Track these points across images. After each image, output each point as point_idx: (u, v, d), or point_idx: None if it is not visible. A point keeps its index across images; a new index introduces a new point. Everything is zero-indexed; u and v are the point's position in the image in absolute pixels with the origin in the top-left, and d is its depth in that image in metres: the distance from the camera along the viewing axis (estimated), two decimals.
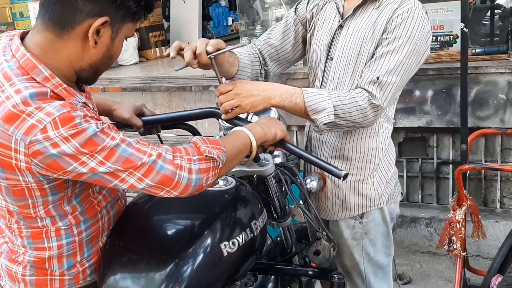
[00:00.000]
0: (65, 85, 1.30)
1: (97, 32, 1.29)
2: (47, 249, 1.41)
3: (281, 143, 1.58)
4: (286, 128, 1.60)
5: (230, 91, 1.57)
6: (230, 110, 1.58)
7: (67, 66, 1.33)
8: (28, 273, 1.44)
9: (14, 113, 1.20)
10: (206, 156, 1.35)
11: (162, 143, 1.76)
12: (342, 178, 1.53)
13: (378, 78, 1.61)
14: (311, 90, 1.65)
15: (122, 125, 1.73)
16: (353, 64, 1.75)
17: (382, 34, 1.68)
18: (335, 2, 1.84)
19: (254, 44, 1.98)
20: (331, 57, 1.82)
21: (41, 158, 1.21)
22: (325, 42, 1.83)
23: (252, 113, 1.73)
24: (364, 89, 1.63)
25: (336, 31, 1.81)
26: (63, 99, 1.27)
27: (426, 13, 1.70)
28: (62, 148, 1.20)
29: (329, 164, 1.56)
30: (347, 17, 1.78)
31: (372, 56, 1.69)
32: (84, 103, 1.35)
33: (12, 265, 1.46)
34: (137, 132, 1.80)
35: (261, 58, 1.94)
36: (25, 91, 1.22)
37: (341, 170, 1.53)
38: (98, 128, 1.24)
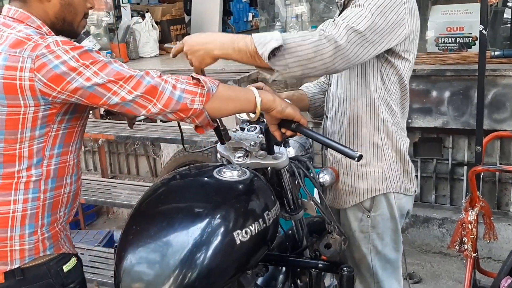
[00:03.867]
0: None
1: None
2: (11, 203, 1.49)
3: (297, 128, 1.63)
4: (301, 113, 1.64)
5: (181, 50, 1.66)
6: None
7: (42, 25, 1.55)
8: None
9: (20, 40, 1.43)
10: (193, 77, 1.48)
11: (182, 132, 1.83)
12: (356, 159, 1.55)
13: (334, 20, 1.60)
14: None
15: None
16: None
17: None
18: None
19: None
20: None
21: (44, 71, 1.40)
22: None
23: (281, 144, 1.79)
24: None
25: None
26: None
27: None
28: (63, 59, 1.40)
29: (344, 146, 1.60)
30: None
31: None
32: None
33: None
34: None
35: None
36: (26, 30, 1.47)
37: (355, 152, 1.56)
38: (93, 48, 1.47)
